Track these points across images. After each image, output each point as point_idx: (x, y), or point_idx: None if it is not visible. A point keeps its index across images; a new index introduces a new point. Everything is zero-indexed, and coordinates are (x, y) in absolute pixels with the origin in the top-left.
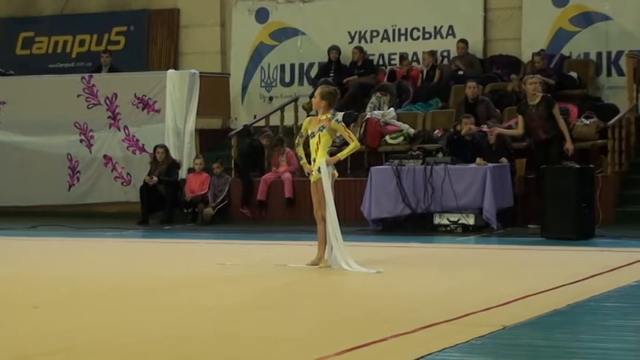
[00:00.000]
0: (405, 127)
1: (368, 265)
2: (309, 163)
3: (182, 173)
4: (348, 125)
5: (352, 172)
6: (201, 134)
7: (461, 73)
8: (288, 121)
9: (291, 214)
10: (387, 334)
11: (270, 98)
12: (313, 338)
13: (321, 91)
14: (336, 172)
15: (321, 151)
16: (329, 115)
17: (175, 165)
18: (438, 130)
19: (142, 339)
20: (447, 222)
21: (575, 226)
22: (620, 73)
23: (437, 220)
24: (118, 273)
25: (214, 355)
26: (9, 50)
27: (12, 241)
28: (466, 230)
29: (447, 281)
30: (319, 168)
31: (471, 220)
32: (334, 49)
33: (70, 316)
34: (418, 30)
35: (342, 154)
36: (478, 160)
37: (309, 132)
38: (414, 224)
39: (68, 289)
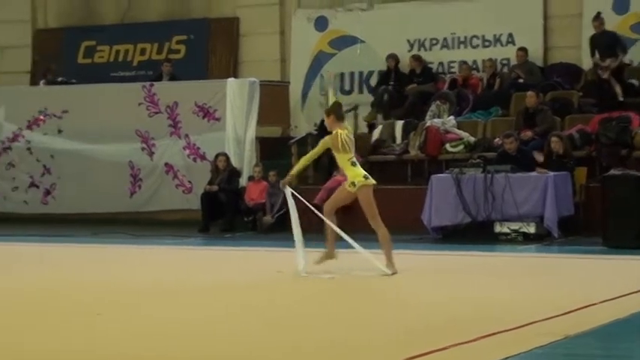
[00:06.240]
0: (465, 135)
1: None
2: None
3: (242, 181)
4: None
5: (412, 180)
6: (262, 142)
7: (521, 81)
8: None
9: (347, 221)
10: (447, 343)
11: None
12: (373, 347)
13: (325, 109)
14: (370, 180)
15: (343, 168)
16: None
17: (236, 173)
18: (498, 139)
19: (201, 347)
20: (507, 230)
21: (637, 235)
22: None
23: (497, 228)
24: (178, 281)
25: None
26: (71, 59)
27: (74, 249)
28: (527, 239)
29: (508, 290)
30: (353, 182)
31: (531, 229)
32: (391, 57)
33: (131, 323)
34: (477, 38)
35: (294, 171)
36: (538, 168)
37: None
38: (474, 233)
39: (130, 297)
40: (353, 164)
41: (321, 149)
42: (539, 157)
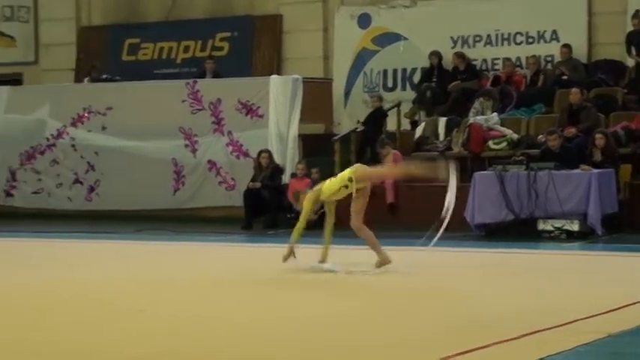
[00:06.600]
0: (508, 132)
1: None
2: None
3: (285, 178)
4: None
5: None
6: (304, 139)
7: (565, 77)
8: (392, 125)
9: (393, 219)
10: (489, 341)
11: None
12: (416, 345)
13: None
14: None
15: (335, 188)
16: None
17: (279, 170)
18: (541, 136)
19: (239, 344)
20: (551, 228)
21: None
22: None
23: (541, 226)
24: (222, 278)
25: None
26: (115, 56)
27: (118, 245)
28: (570, 236)
29: (551, 288)
30: (349, 178)
31: (575, 227)
32: (434, 54)
33: (173, 320)
34: (521, 35)
35: (291, 243)
36: (582, 165)
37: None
38: (517, 230)
39: (173, 293)
40: (330, 178)
41: (309, 208)
42: (597, 155)
